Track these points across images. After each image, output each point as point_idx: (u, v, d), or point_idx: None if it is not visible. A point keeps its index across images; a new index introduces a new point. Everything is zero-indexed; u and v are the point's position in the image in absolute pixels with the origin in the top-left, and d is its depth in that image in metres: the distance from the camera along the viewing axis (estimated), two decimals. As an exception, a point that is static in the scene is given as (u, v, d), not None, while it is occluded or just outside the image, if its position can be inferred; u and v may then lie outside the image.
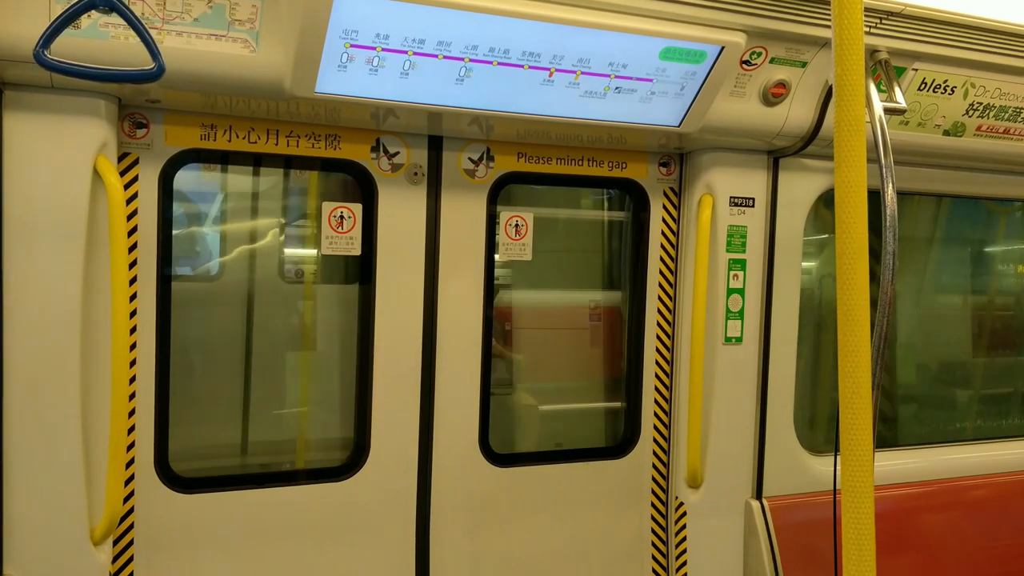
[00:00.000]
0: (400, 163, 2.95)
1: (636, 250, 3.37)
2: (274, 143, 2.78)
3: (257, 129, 2.76)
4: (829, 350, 3.89)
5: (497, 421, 3.31)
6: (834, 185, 1.52)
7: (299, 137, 2.80)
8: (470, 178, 3.06)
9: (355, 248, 2.95)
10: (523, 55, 2.52)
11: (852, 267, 1.49)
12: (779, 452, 3.34)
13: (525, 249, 3.21)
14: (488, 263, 3.11)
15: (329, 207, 2.91)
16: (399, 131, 2.92)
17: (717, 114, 2.84)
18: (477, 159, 3.06)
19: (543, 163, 3.14)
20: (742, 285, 3.20)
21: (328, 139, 2.84)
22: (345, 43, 2.35)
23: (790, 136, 3.02)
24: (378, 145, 2.91)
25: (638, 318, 3.36)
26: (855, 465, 1.52)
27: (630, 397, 3.41)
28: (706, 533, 3.29)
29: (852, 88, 1.50)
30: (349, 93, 2.49)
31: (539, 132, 2.95)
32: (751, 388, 3.28)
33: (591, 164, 3.20)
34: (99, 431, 2.48)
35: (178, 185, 2.79)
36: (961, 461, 3.73)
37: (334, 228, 2.91)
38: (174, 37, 2.28)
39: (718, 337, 3.19)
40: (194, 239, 3.20)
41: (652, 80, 2.69)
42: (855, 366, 1.50)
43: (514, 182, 3.16)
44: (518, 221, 3.18)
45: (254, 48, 2.36)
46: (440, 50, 2.44)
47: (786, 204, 3.25)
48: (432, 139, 2.98)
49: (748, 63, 2.78)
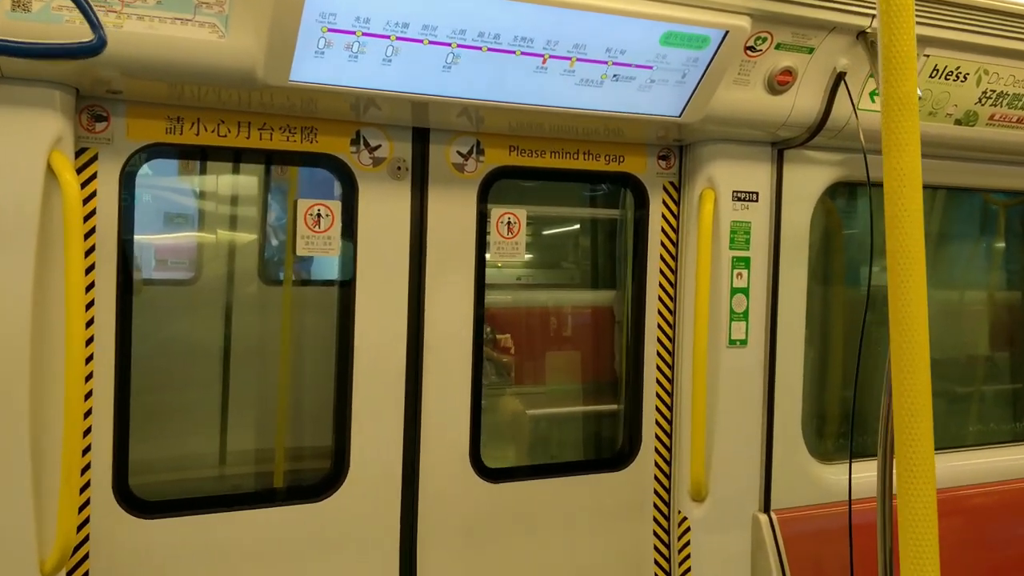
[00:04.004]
0: (382, 157, 2.77)
1: (635, 248, 3.20)
2: (246, 136, 2.59)
3: (227, 121, 2.56)
4: (837, 348, 3.73)
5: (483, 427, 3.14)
6: (884, 175, 1.33)
7: (273, 130, 2.62)
8: (459, 172, 2.89)
9: (333, 249, 2.76)
10: (515, 40, 2.35)
11: (907, 267, 1.30)
12: (787, 461, 3.18)
13: (518, 248, 3.04)
14: (479, 263, 2.93)
15: (305, 204, 2.72)
16: (381, 123, 2.74)
17: (720, 103, 2.69)
18: (466, 152, 2.89)
19: (536, 156, 2.97)
20: (746, 284, 3.04)
21: (304, 132, 2.66)
22: (322, 27, 2.19)
23: (796, 126, 2.87)
24: (358, 138, 2.73)
25: (637, 320, 3.18)
26: (914, 475, 1.33)
27: (630, 405, 3.24)
28: (711, 549, 3.11)
29: (902, 58, 1.32)
30: (326, 81, 2.31)
31: (532, 124, 2.79)
32: (757, 394, 3.11)
33: (587, 158, 3.03)
34: (51, 451, 2.27)
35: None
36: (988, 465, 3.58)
37: (310, 227, 2.71)
38: (135, 21, 2.10)
39: (721, 340, 3.02)
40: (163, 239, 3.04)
41: (652, 67, 2.53)
42: (911, 372, 1.31)
43: (506, 177, 2.99)
44: (510, 218, 3.00)
45: (223, 33, 2.19)
46: (425, 34, 2.28)
47: (791, 198, 3.10)
48: (417, 131, 2.81)
49: (752, 49, 2.62)
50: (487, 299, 3.02)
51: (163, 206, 3.14)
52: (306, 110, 2.59)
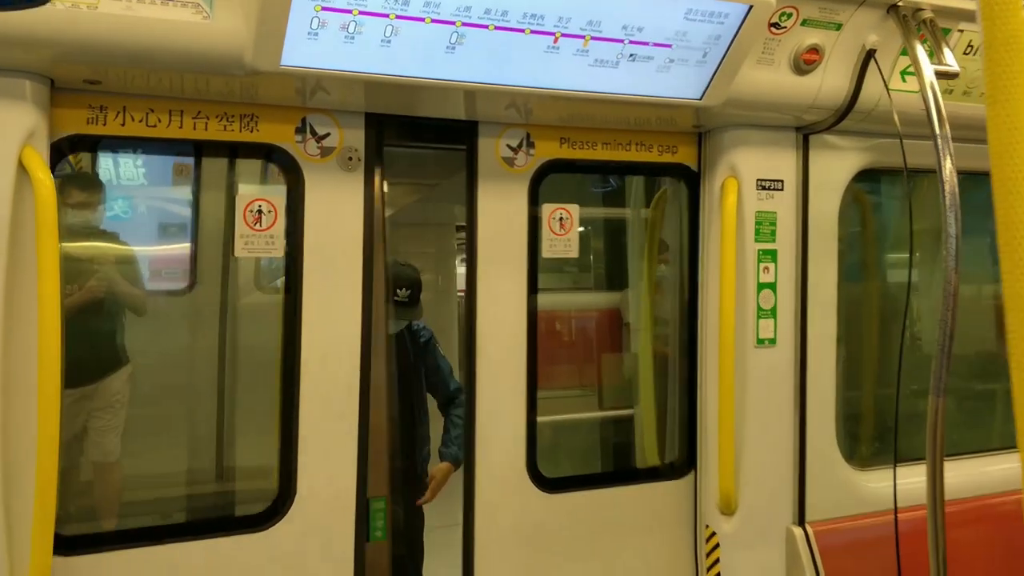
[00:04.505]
0: (331, 146, 2.52)
1: (692, 246, 3.02)
2: (178, 126, 2.34)
3: (157, 110, 2.31)
4: (869, 344, 3.51)
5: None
6: (987, 131, 1.10)
7: (208, 118, 2.37)
8: (509, 167, 2.75)
9: (277, 249, 2.51)
10: (524, 17, 2.18)
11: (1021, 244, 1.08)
12: (822, 470, 2.97)
13: (571, 245, 2.89)
14: (531, 260, 2.79)
15: (244, 199, 2.46)
16: (330, 108, 2.50)
17: (743, 85, 2.51)
18: (516, 146, 2.75)
19: (588, 148, 2.83)
20: (773, 279, 2.85)
21: (244, 120, 2.41)
22: (315, 5, 2.02)
23: (823, 109, 2.69)
24: (304, 126, 2.49)
25: (691, 322, 3.02)
26: None
27: (685, 411, 3.08)
28: (743, 566, 2.89)
29: None
30: (321, 66, 2.13)
31: (583, 114, 2.68)
32: (788, 397, 2.91)
33: (639, 148, 2.89)
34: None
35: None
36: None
37: (251, 225, 2.46)
38: (111, 2, 1.93)
39: (749, 339, 2.82)
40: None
41: (671, 46, 2.35)
42: None
43: (557, 171, 2.86)
44: (562, 214, 2.85)
45: (207, 14, 2.02)
46: (427, 12, 2.10)
47: (818, 186, 2.91)
48: (369, 117, 2.56)
49: (777, 26, 2.45)
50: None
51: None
52: (246, 96, 2.35)
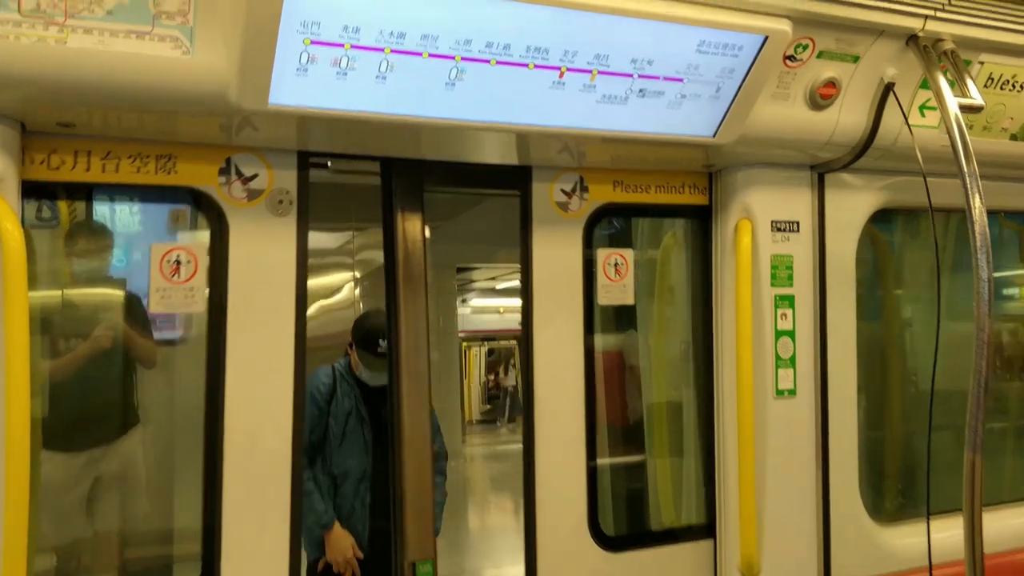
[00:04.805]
0: (259, 189, 2.31)
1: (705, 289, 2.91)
2: (84, 168, 2.13)
3: (61, 150, 2.11)
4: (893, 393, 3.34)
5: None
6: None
7: (120, 159, 2.16)
8: (563, 212, 2.68)
9: (197, 303, 2.28)
10: (528, 51, 2.04)
11: None
12: (847, 526, 2.78)
13: (627, 291, 2.80)
14: (587, 307, 2.73)
15: (160, 250, 2.24)
16: (258, 146, 2.30)
17: (757, 121, 2.38)
18: (570, 190, 2.69)
19: (641, 192, 2.78)
20: (791, 326, 2.69)
21: (160, 160, 2.20)
22: (304, 39, 1.87)
23: (839, 146, 2.56)
24: (229, 166, 2.28)
25: (707, 369, 2.87)
26: None
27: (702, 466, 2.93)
28: None
29: None
30: (311, 104, 1.98)
31: (634, 156, 2.63)
32: (810, 451, 2.73)
33: (693, 191, 2.84)
34: None
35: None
36: None
37: (167, 277, 2.24)
38: (82, 36, 1.77)
39: (768, 390, 2.66)
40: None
41: (683, 80, 2.22)
42: None
43: (610, 215, 2.83)
44: (618, 259, 2.77)
45: (188, 49, 1.86)
46: (425, 46, 1.96)
47: (835, 227, 2.77)
48: (301, 156, 2.36)
49: (792, 58, 2.33)
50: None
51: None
52: (163, 134, 2.17)
